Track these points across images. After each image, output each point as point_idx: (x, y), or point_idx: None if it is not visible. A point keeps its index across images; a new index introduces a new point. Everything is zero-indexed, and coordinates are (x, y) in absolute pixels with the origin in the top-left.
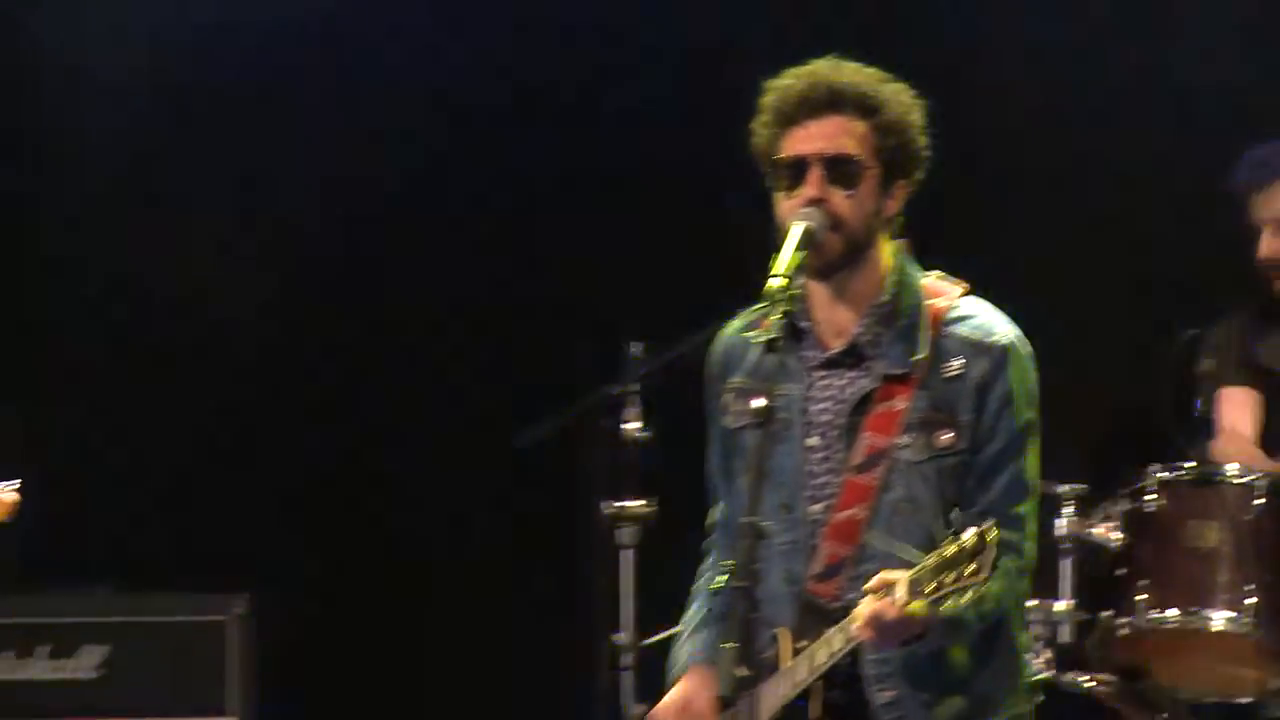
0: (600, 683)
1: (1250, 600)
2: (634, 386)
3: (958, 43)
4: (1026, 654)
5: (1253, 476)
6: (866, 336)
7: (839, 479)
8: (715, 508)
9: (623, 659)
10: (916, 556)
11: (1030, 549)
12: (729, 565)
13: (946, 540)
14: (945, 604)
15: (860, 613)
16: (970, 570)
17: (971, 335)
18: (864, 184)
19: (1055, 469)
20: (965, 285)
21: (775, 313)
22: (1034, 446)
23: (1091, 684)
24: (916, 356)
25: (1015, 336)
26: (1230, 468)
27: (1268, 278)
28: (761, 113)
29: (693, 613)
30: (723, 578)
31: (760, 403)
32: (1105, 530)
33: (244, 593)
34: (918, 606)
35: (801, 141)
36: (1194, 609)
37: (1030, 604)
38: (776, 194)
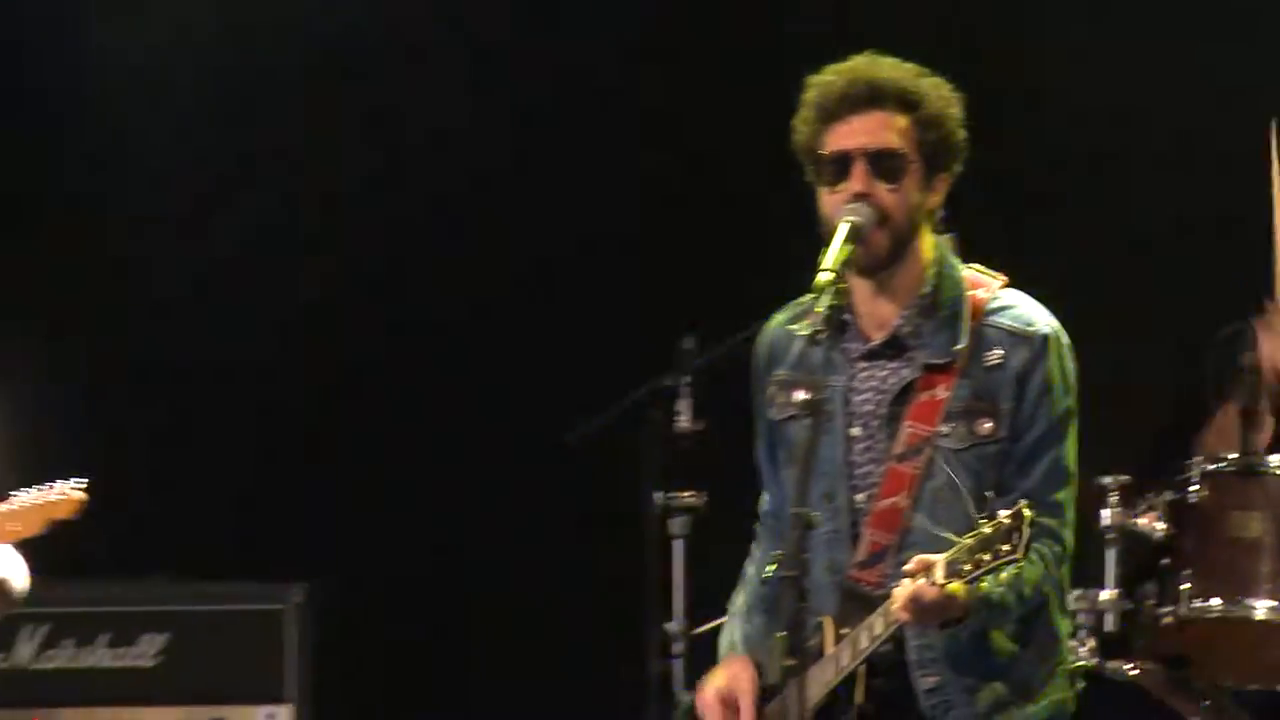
0: (651, 671)
1: None
2: (686, 379)
3: (999, 42)
4: (1069, 641)
5: None
6: (907, 328)
7: (881, 468)
8: (765, 496)
9: (674, 647)
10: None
11: (1069, 535)
12: (777, 555)
13: (981, 521)
14: (982, 583)
15: (899, 594)
16: (1005, 549)
17: (1011, 326)
18: (908, 178)
19: (1100, 460)
20: (1004, 278)
21: (822, 306)
22: (1072, 434)
23: (1135, 672)
24: (958, 346)
25: (1054, 327)
26: (1274, 459)
27: None
28: (803, 109)
29: (738, 600)
30: (772, 566)
31: (804, 395)
32: (1149, 521)
33: (301, 582)
34: (955, 586)
35: (845, 137)
36: (1237, 598)
37: (1075, 593)
38: (820, 189)
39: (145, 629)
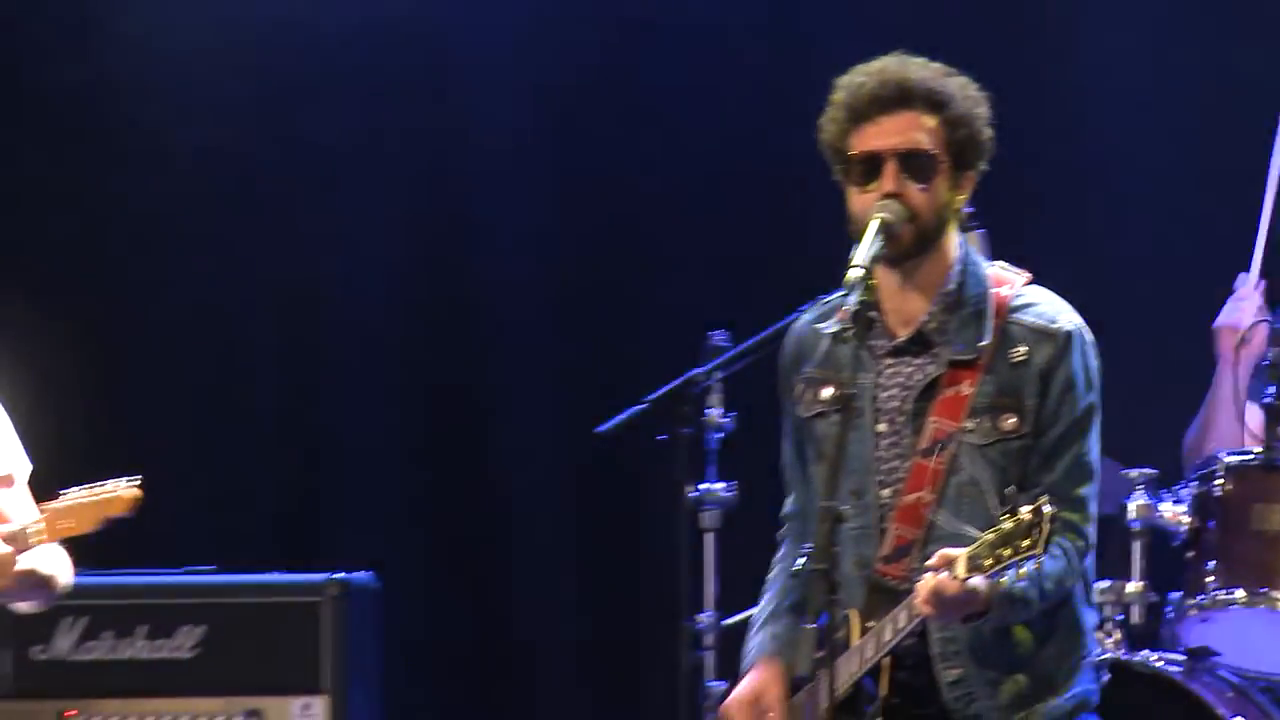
0: (683, 662)
1: None
2: (717, 374)
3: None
4: (1094, 633)
5: None
6: (933, 324)
7: (906, 463)
8: (789, 498)
9: (705, 639)
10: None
11: (1092, 530)
12: (807, 550)
13: (1003, 516)
14: (1004, 577)
15: (921, 589)
16: (1026, 544)
17: (1036, 322)
18: (937, 177)
19: (1126, 454)
20: (1029, 275)
21: (853, 302)
22: (1095, 430)
23: (1161, 663)
24: (982, 343)
25: (1077, 323)
26: None
27: None
28: (832, 108)
29: (765, 604)
30: (801, 560)
31: (832, 391)
32: (1174, 514)
33: (337, 574)
34: (977, 580)
35: (875, 137)
36: (1261, 589)
37: (1101, 586)
38: (849, 188)
39: (183, 621)
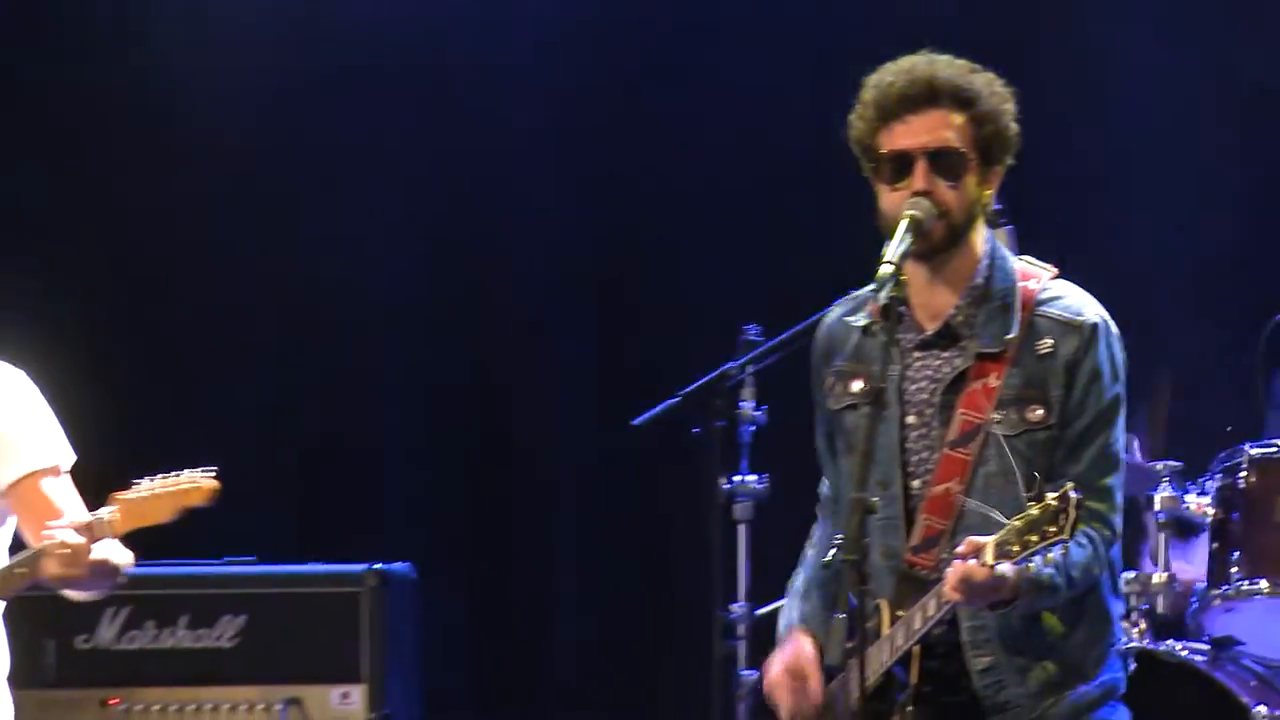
0: (716, 651)
1: None
2: (750, 368)
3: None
4: (1120, 622)
5: None
6: (960, 317)
7: (935, 454)
8: (823, 482)
9: (737, 629)
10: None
11: (1118, 519)
12: (837, 540)
13: (1030, 503)
14: (1031, 563)
15: (950, 575)
16: (1053, 530)
17: (1061, 315)
18: (966, 174)
19: (1152, 446)
20: (1055, 269)
21: (883, 297)
22: (1121, 421)
23: (1186, 652)
24: (1009, 336)
25: (1103, 316)
26: None
27: None
28: (861, 107)
29: (797, 580)
30: (831, 551)
31: (861, 384)
32: (1199, 505)
33: (376, 565)
34: (1005, 567)
35: (904, 136)
36: None
37: (1127, 575)
38: (879, 186)
39: (224, 611)
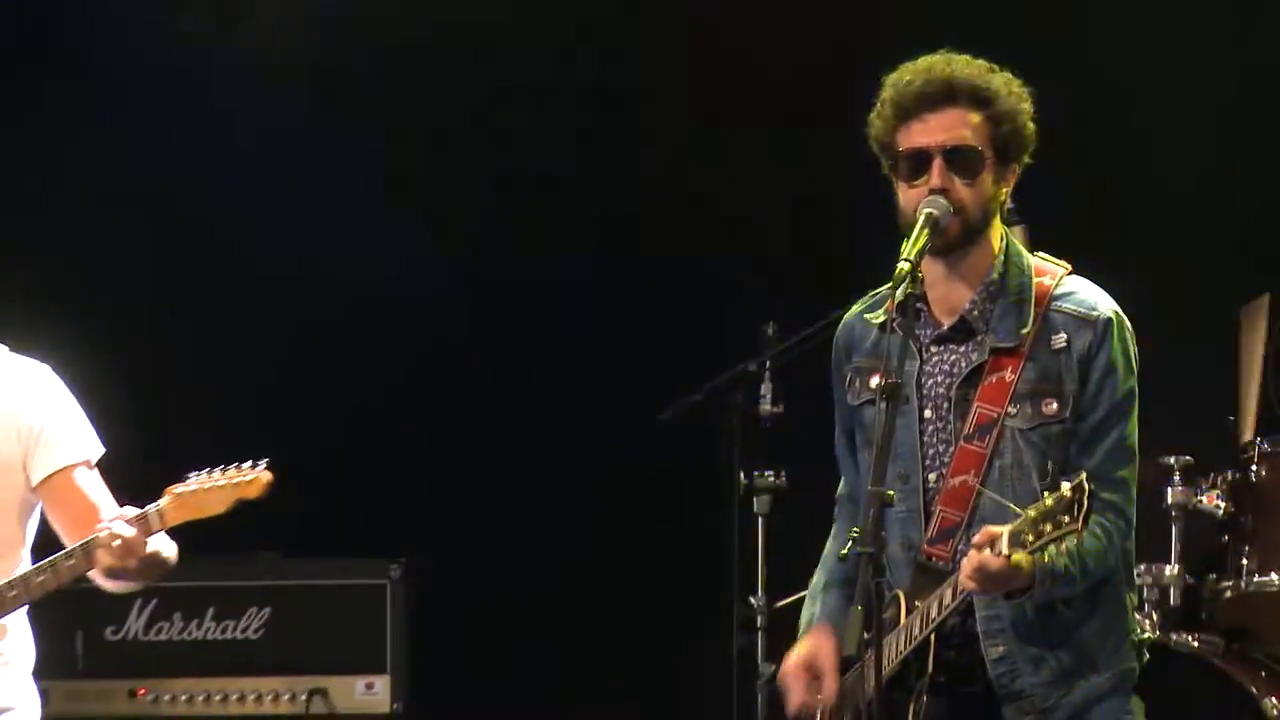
0: (735, 642)
1: None
2: (768, 364)
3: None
4: (1134, 613)
5: None
6: (976, 312)
7: (952, 448)
8: (842, 480)
9: (756, 621)
10: None
11: (1132, 511)
12: (854, 532)
13: (1045, 493)
14: (1045, 553)
15: (967, 564)
16: (1067, 520)
17: (1075, 310)
18: (982, 172)
19: (1165, 441)
20: (1069, 265)
21: (900, 294)
22: (1134, 414)
23: (1198, 644)
24: (1024, 330)
25: (1116, 311)
26: None
27: None
28: (880, 106)
29: (818, 578)
30: (849, 543)
31: (879, 380)
32: (1211, 499)
33: (400, 558)
34: (1019, 556)
35: (922, 134)
36: None
37: (1140, 568)
38: (898, 183)
39: (250, 603)
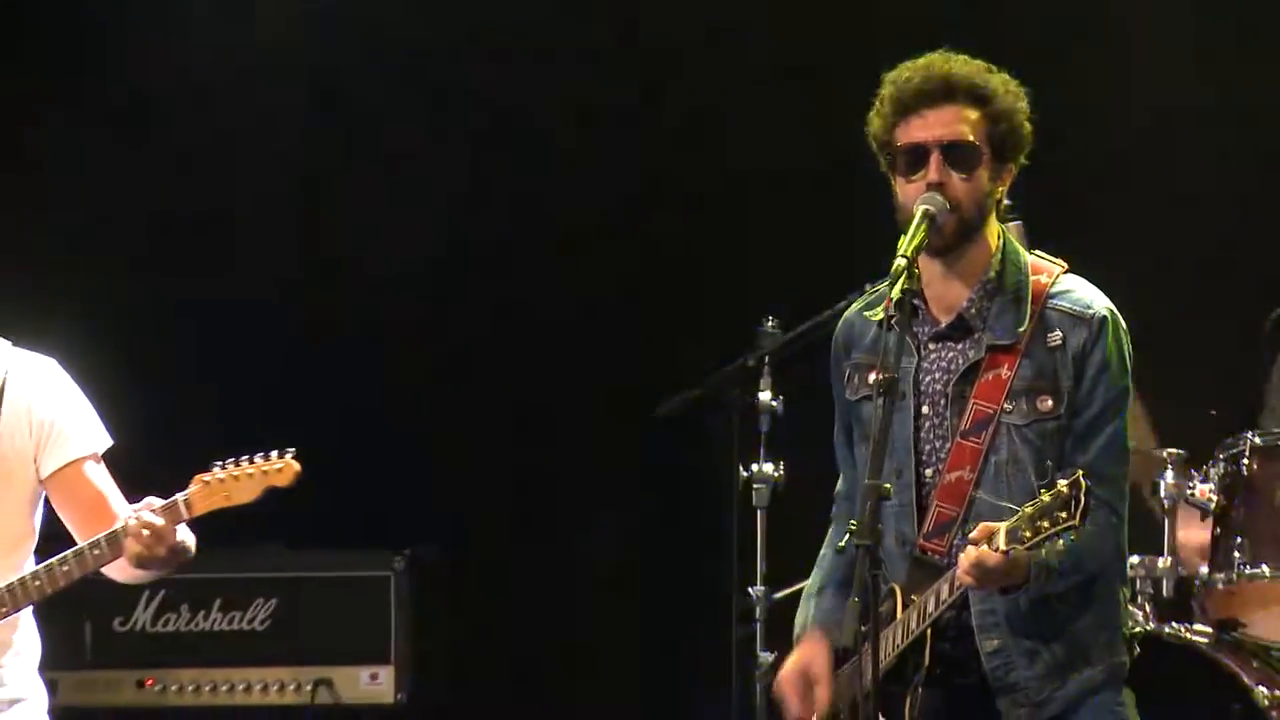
0: (734, 633)
1: None
2: (767, 360)
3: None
4: (1127, 607)
5: None
6: (973, 310)
7: (948, 443)
8: (840, 479)
9: (755, 611)
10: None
11: (1125, 506)
12: (853, 526)
13: (1041, 491)
14: (1042, 549)
15: (963, 560)
16: (1064, 516)
17: (1071, 308)
18: (979, 168)
19: (1158, 435)
20: (1065, 264)
21: (896, 290)
22: (1128, 411)
23: (1190, 635)
24: (1021, 328)
25: (1111, 309)
26: None
27: None
28: (880, 102)
29: (813, 580)
30: (846, 537)
31: (878, 376)
32: (1203, 492)
33: (404, 550)
34: (1016, 552)
35: (920, 130)
36: None
37: (1133, 560)
38: (895, 179)
39: (256, 595)
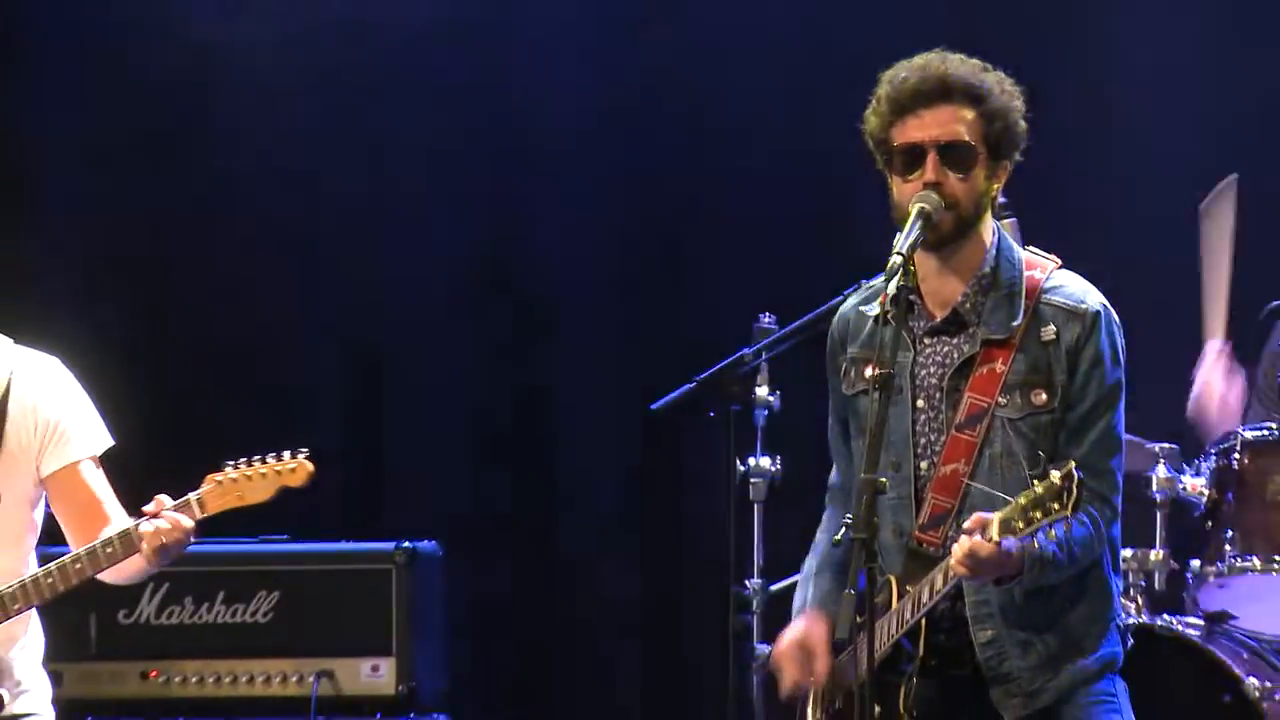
0: (731, 625)
1: None
2: (764, 354)
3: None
4: (1120, 598)
5: None
6: (968, 305)
7: (943, 437)
8: (834, 470)
9: (751, 604)
10: None
11: (1118, 499)
12: (847, 519)
13: (1034, 481)
14: (1035, 540)
15: (957, 550)
16: (1056, 507)
17: (1065, 303)
18: (975, 167)
19: (1150, 429)
20: (1058, 260)
21: (893, 286)
22: (1121, 405)
23: (1181, 626)
24: (1015, 323)
25: (1104, 304)
26: None
27: None
28: (877, 102)
29: (810, 564)
30: (843, 530)
31: (874, 371)
32: (1195, 486)
33: (405, 543)
34: (1010, 543)
35: (917, 129)
36: (1275, 557)
37: (1126, 553)
38: (892, 177)
39: (259, 587)
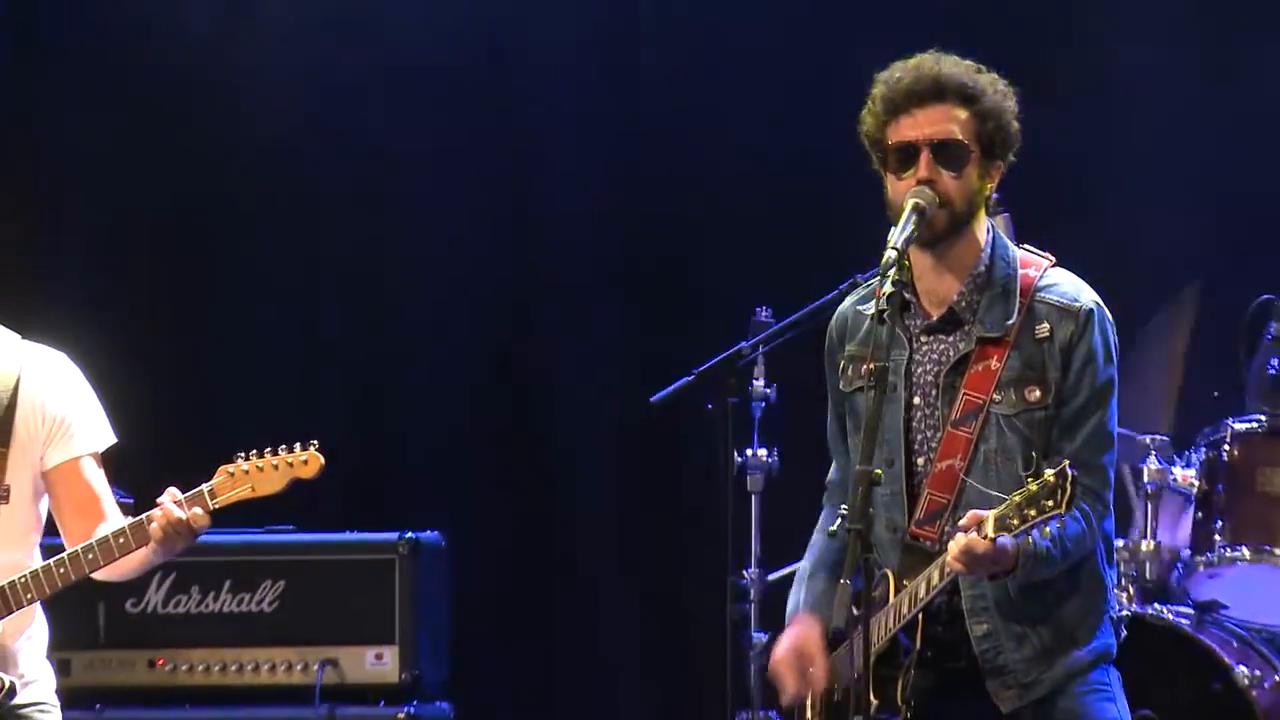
0: (729, 614)
1: None
2: (761, 347)
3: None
4: (1113, 591)
5: None
6: (963, 303)
7: (939, 433)
8: (832, 467)
9: (749, 593)
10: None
11: (1110, 494)
12: (844, 511)
13: (1029, 479)
14: (1030, 536)
15: (953, 547)
16: (1050, 504)
17: (1059, 301)
18: (968, 166)
19: (1141, 422)
20: (1052, 258)
21: (887, 284)
22: (1114, 401)
23: (1172, 615)
24: (1010, 321)
25: (1097, 302)
26: None
27: None
28: (871, 102)
29: (805, 563)
30: (838, 522)
31: (869, 368)
32: (1185, 477)
33: (408, 533)
34: (1005, 539)
35: (911, 128)
36: (1264, 547)
37: (1117, 544)
38: (887, 176)
39: (264, 576)
